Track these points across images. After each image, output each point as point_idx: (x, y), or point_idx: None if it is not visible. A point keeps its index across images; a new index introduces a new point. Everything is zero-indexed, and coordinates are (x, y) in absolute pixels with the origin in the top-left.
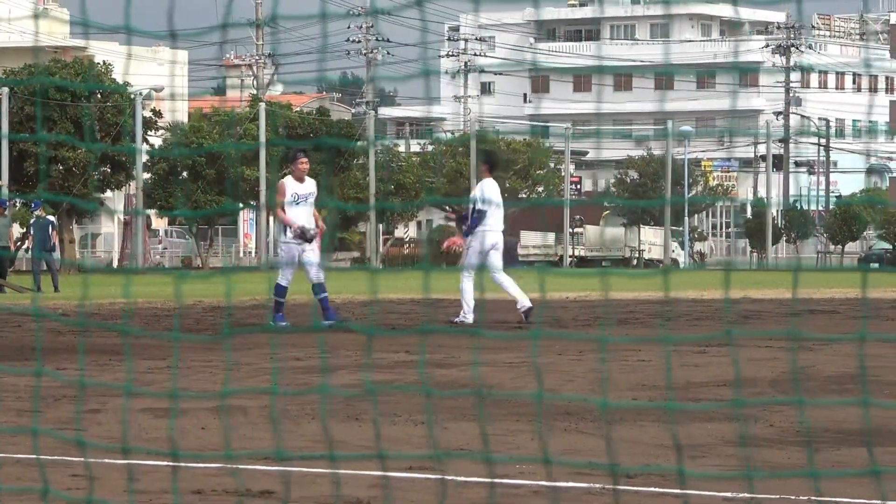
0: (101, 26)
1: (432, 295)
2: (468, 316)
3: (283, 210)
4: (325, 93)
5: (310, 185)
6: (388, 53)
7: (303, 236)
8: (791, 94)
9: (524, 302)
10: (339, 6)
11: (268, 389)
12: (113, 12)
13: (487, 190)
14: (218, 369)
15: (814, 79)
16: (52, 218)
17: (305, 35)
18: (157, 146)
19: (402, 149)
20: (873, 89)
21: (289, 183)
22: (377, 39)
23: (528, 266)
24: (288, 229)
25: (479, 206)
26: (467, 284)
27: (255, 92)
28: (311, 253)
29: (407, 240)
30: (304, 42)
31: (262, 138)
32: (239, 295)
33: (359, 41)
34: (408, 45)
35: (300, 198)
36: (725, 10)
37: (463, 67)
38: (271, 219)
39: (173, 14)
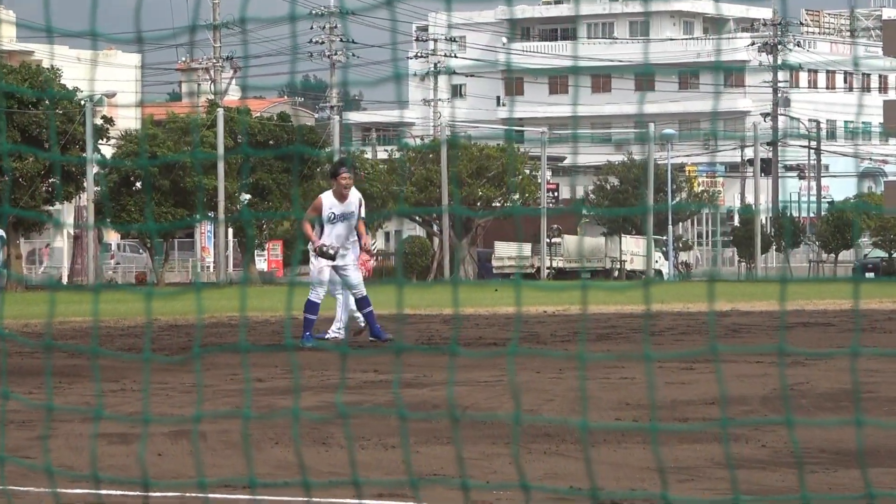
0: (53, 30)
1: (404, 310)
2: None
3: (311, 225)
4: (286, 97)
5: (351, 203)
6: (354, 55)
7: (323, 255)
8: (779, 95)
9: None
10: (302, 6)
11: (232, 413)
12: (61, 15)
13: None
14: (176, 392)
15: (803, 78)
16: (1, 232)
17: (266, 36)
18: (108, 156)
19: (368, 156)
20: (866, 88)
21: (326, 199)
22: (341, 40)
23: (503, 279)
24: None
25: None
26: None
27: (212, 97)
28: (350, 269)
29: (374, 252)
30: (264, 44)
31: (220, 146)
32: (194, 312)
33: (322, 42)
34: (374, 46)
35: (336, 217)
36: (708, 7)
37: (432, 69)
38: (230, 231)
39: (139, 15)
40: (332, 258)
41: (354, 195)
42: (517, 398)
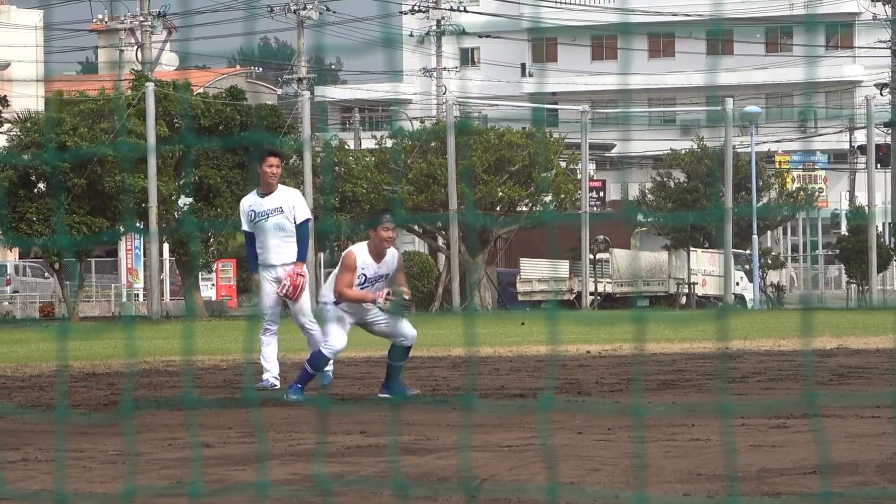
0: None
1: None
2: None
3: (342, 288)
4: (239, 67)
5: (388, 262)
6: (328, 10)
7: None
8: None
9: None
10: None
11: (174, 489)
12: None
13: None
14: (96, 462)
15: None
16: None
17: None
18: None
19: (350, 145)
20: None
21: (360, 255)
22: None
23: (532, 308)
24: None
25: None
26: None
27: (139, 68)
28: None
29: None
30: None
31: (151, 134)
32: (121, 355)
33: None
34: None
35: (368, 281)
36: None
37: (435, 28)
38: (165, 247)
39: None
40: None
41: (392, 254)
42: (553, 467)
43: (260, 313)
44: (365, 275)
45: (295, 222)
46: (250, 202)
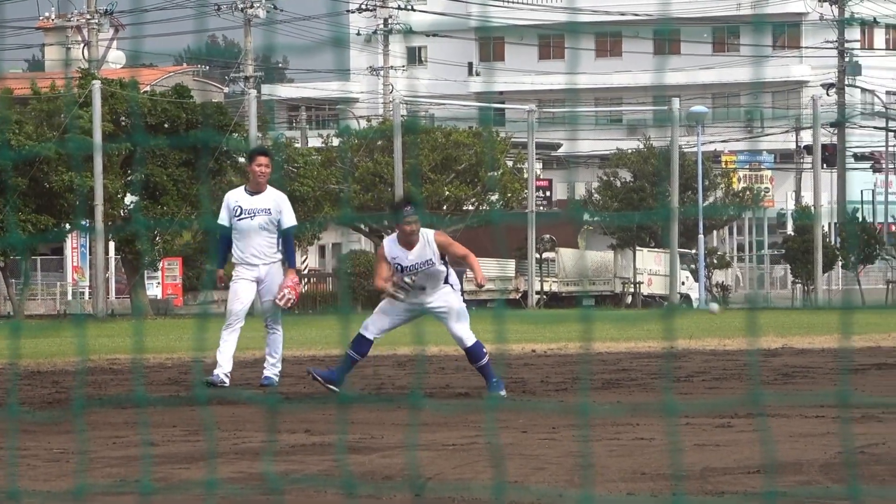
0: None
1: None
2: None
3: (376, 279)
4: (186, 65)
5: (423, 248)
6: (276, 8)
7: (401, 289)
8: (847, 60)
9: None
10: None
11: (120, 487)
12: None
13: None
14: (40, 461)
15: (879, 37)
16: None
17: None
18: None
19: (297, 144)
20: None
21: (388, 247)
22: None
23: (478, 307)
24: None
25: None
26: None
27: (86, 65)
28: (447, 308)
29: (306, 272)
30: None
31: (97, 132)
32: (68, 354)
33: None
34: None
35: (407, 270)
36: None
37: (382, 27)
38: (111, 245)
39: None
40: (406, 291)
41: (424, 240)
42: (498, 466)
43: (228, 309)
44: (400, 265)
45: (281, 226)
46: (237, 198)
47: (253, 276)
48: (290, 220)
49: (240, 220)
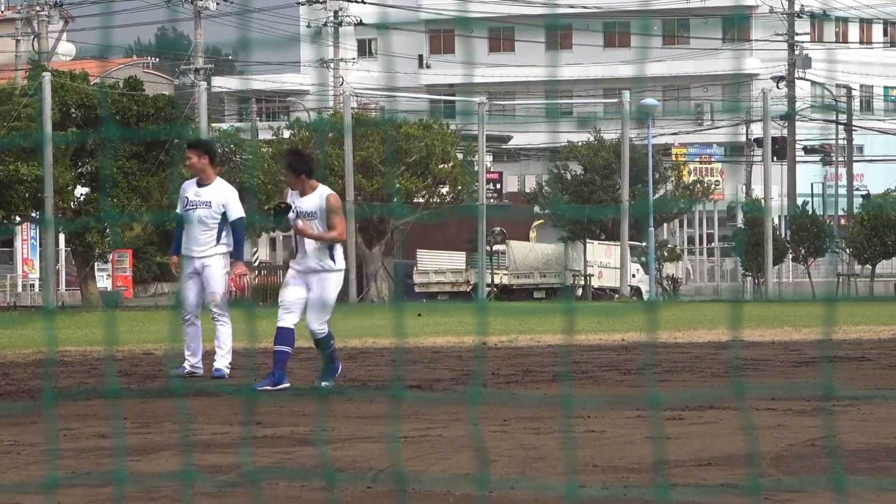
0: None
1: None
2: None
3: None
4: (136, 57)
5: (312, 201)
6: (225, 0)
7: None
8: (797, 53)
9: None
10: None
11: (71, 479)
12: None
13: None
14: None
15: (828, 30)
16: None
17: None
18: None
19: (246, 136)
20: None
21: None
22: None
23: (429, 300)
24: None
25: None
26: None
27: (35, 58)
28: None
29: (256, 264)
30: None
31: (47, 124)
32: (17, 346)
33: None
34: None
35: (297, 213)
36: None
37: (332, 18)
38: (62, 238)
39: None
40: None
41: (321, 192)
42: (449, 458)
43: (180, 303)
44: (296, 206)
45: (226, 219)
46: (187, 188)
47: (192, 267)
48: (236, 212)
49: (185, 210)
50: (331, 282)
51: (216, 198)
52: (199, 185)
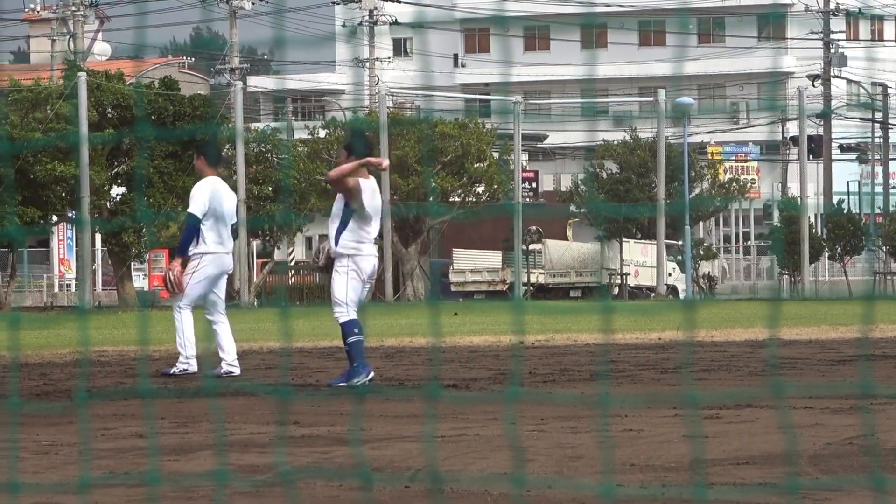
0: None
1: (333, 341)
2: (191, 361)
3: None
4: (171, 57)
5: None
6: (261, 0)
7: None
8: (833, 51)
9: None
10: None
11: (109, 479)
12: None
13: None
14: (28, 453)
15: (864, 28)
16: None
17: None
18: None
19: (282, 135)
20: None
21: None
22: None
23: (465, 298)
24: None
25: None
26: (187, 319)
27: (71, 57)
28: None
29: (292, 264)
30: None
31: (83, 124)
32: (54, 346)
33: None
34: None
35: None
36: None
37: (367, 18)
38: (98, 238)
39: None
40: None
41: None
42: (487, 457)
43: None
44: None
45: (208, 218)
46: None
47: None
48: (189, 207)
49: None
50: (336, 267)
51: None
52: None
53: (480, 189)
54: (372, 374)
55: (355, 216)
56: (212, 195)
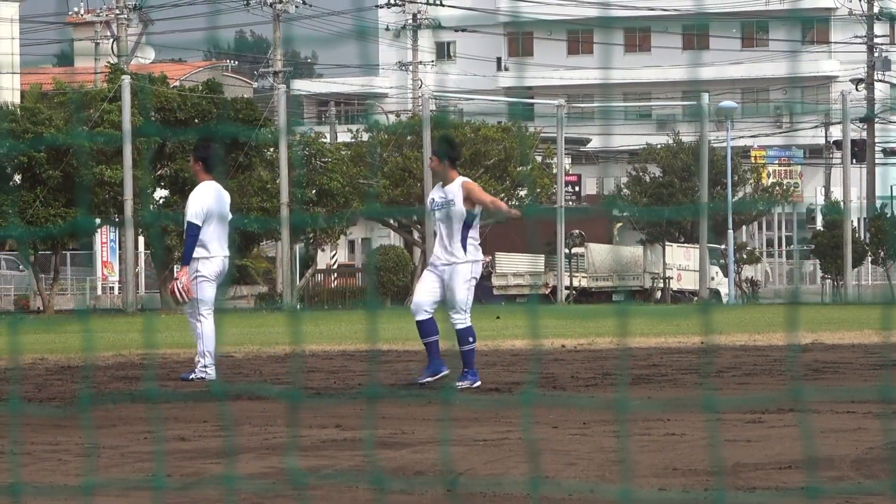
0: None
1: (376, 344)
2: (209, 370)
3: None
4: (214, 60)
5: (446, 190)
6: (304, 3)
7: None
8: (877, 55)
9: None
10: None
11: (151, 482)
12: None
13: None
14: (70, 455)
15: None
16: None
17: None
18: None
19: (326, 139)
20: None
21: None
22: None
23: (508, 302)
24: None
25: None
26: (209, 326)
27: (115, 60)
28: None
29: (335, 267)
30: None
31: (127, 125)
32: (97, 349)
33: None
34: None
35: (432, 205)
36: None
37: (410, 21)
38: (141, 240)
39: None
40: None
41: (456, 182)
42: (530, 461)
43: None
44: (433, 198)
45: (205, 226)
46: None
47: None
48: (187, 213)
49: None
50: (460, 273)
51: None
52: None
53: (523, 192)
54: (479, 383)
55: (475, 225)
56: (209, 201)
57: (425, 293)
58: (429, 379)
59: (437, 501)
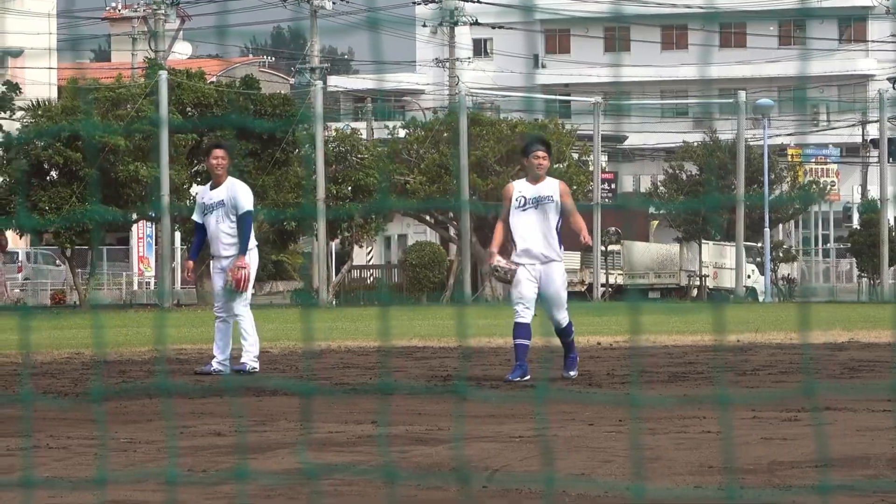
0: None
1: (412, 341)
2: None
3: (498, 222)
4: (251, 56)
5: (544, 187)
6: (342, 0)
7: (499, 279)
8: None
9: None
10: None
11: (188, 477)
12: None
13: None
14: (108, 450)
15: None
16: None
17: None
18: (13, 133)
19: (362, 135)
20: None
21: (516, 183)
22: None
23: None
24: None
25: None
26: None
27: (152, 56)
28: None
29: (370, 263)
30: None
31: (164, 122)
32: (133, 343)
33: None
34: None
35: (529, 202)
36: None
37: (447, 18)
38: (177, 236)
39: None
40: (508, 282)
41: (552, 181)
42: (563, 458)
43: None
44: (524, 196)
45: (237, 214)
46: (202, 194)
47: (218, 267)
48: (244, 204)
49: (205, 216)
50: (557, 271)
51: (227, 195)
52: (213, 187)
53: None
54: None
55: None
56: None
57: (532, 294)
58: (518, 378)
59: (473, 497)
